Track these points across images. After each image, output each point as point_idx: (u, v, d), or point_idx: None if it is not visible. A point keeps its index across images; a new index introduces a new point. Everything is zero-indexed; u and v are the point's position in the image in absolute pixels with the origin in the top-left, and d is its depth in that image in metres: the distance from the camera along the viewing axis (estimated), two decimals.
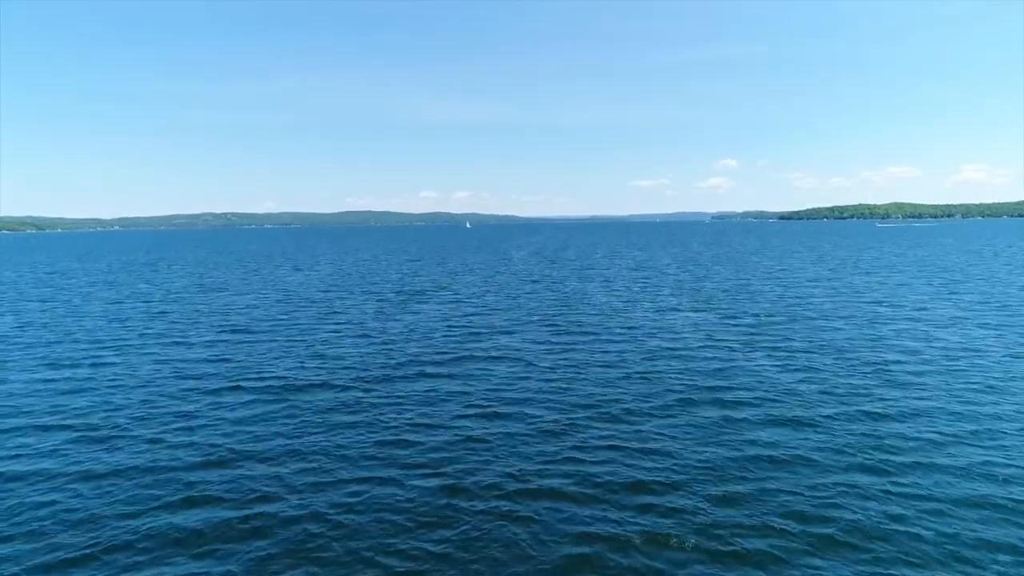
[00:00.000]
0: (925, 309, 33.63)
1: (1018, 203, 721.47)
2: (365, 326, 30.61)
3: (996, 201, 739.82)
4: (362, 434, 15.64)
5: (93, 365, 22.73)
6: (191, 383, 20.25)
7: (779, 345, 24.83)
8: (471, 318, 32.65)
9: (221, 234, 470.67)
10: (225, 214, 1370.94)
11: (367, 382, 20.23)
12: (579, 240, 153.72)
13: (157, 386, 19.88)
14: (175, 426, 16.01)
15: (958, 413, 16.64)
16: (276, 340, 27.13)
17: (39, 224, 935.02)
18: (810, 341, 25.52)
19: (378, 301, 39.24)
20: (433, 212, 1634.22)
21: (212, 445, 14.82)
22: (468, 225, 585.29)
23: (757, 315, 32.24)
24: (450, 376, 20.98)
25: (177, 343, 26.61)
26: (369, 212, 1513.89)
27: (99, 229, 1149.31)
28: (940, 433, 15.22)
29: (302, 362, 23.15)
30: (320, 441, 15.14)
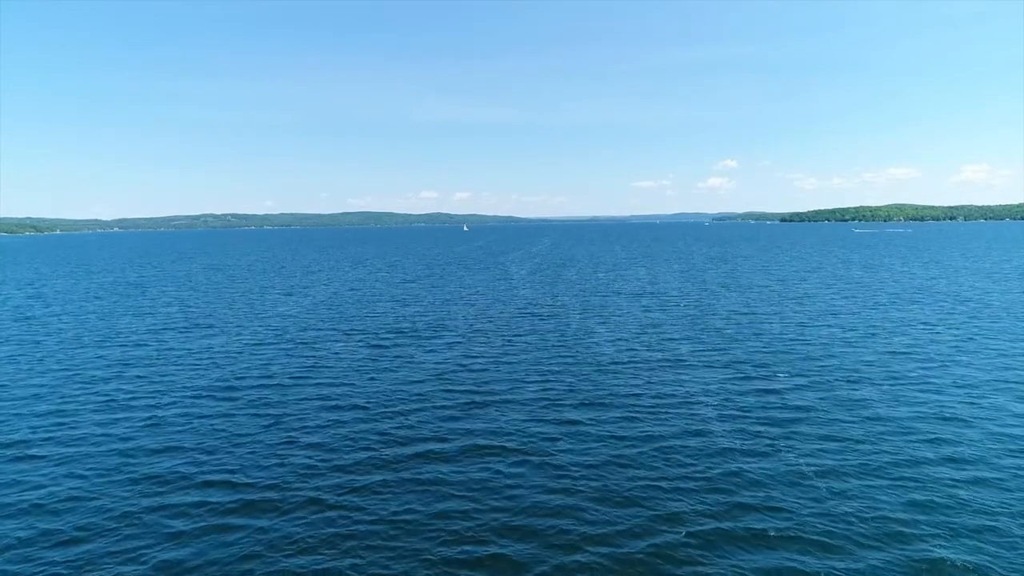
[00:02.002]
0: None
1: (1020, 205, 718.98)
2: (351, 390, 28.01)
3: (999, 203, 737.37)
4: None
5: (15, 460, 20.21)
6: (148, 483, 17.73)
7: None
8: (469, 374, 30.08)
9: (219, 237, 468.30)
10: (225, 215, 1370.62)
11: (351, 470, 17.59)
12: (580, 251, 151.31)
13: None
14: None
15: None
16: (250, 413, 24.57)
17: (38, 226, 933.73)
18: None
19: (370, 348, 36.65)
20: (433, 212, 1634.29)
21: None
22: (466, 228, 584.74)
23: (777, 371, 29.65)
24: (452, 481, 18.39)
25: (142, 414, 24.01)
26: (369, 212, 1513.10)
27: (99, 230, 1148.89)
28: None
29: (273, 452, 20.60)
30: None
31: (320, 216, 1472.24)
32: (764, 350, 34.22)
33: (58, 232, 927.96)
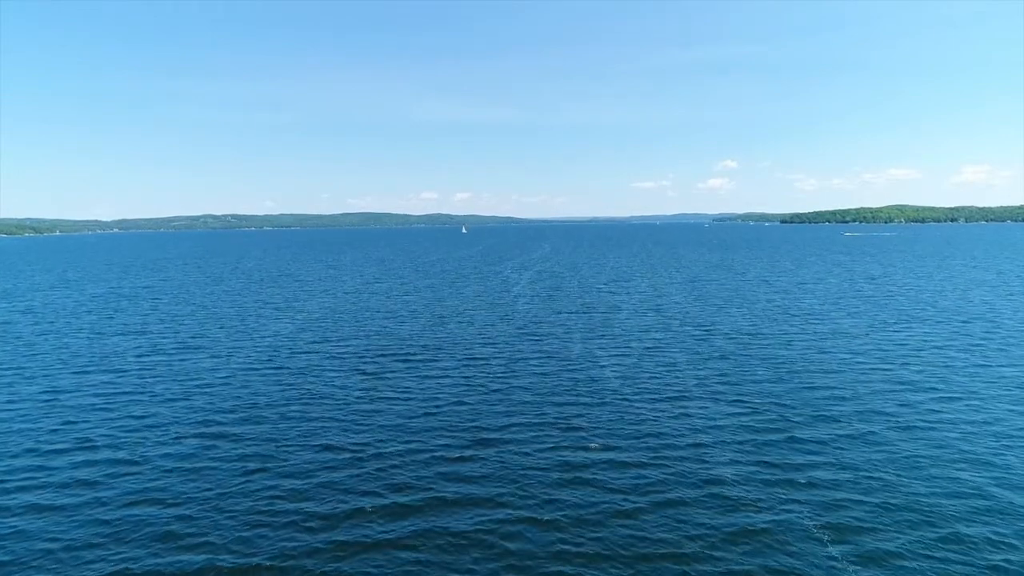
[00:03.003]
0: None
1: (1021, 207, 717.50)
2: (341, 429, 26.63)
3: (1000, 205, 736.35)
4: None
5: None
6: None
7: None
8: (466, 410, 28.70)
9: (219, 239, 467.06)
10: (225, 216, 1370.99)
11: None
12: (580, 257, 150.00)
13: None
14: None
15: None
16: (231, 456, 23.19)
17: (38, 227, 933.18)
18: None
19: (362, 377, 35.33)
20: (434, 213, 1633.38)
21: None
22: (464, 230, 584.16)
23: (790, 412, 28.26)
24: (443, 536, 17.02)
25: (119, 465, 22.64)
26: (369, 213, 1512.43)
27: (98, 231, 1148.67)
28: None
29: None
30: None
31: (320, 217, 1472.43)
32: (771, 380, 32.85)
33: (58, 233, 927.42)
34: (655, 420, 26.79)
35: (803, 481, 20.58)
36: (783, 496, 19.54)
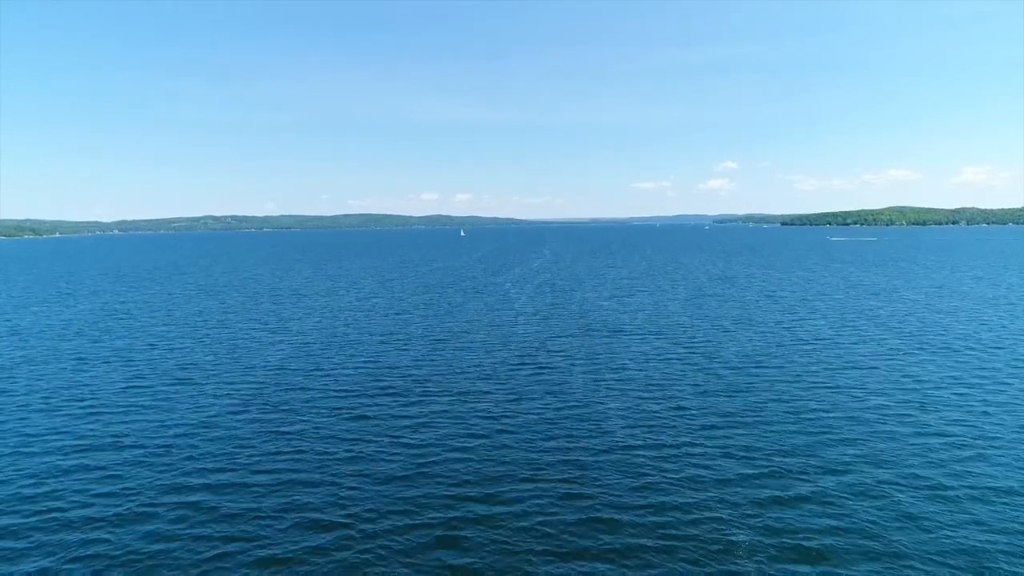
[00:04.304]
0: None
1: (1022, 209, 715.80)
2: (324, 495, 24.89)
3: (1001, 207, 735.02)
4: None
5: None
6: None
7: None
8: (461, 464, 26.97)
9: (218, 241, 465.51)
10: (225, 217, 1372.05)
11: None
12: (581, 267, 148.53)
13: None
14: None
15: None
16: (201, 526, 21.43)
17: (37, 228, 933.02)
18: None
19: (350, 422, 33.74)
20: (434, 215, 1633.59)
21: None
22: (463, 233, 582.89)
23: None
24: None
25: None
26: (370, 215, 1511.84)
27: (98, 232, 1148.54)
28: None
29: None
30: None
31: (320, 218, 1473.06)
32: (783, 425, 31.09)
33: (57, 235, 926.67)
34: (660, 477, 25.04)
35: (814, 547, 18.89)
36: (796, 572, 17.82)
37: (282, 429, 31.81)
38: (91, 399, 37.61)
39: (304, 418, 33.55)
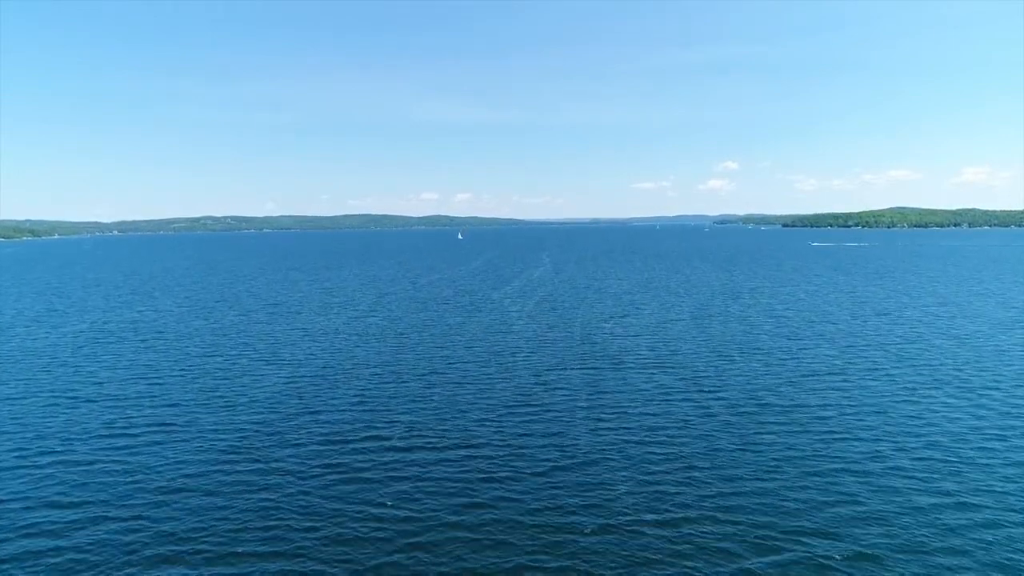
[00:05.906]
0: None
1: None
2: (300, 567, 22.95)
3: (1003, 208, 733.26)
4: None
5: None
6: None
7: None
8: (456, 537, 25.05)
9: (218, 243, 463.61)
10: (225, 218, 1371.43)
11: None
12: (581, 277, 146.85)
13: None
14: None
15: None
16: None
17: (36, 229, 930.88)
18: None
19: (335, 479, 31.78)
20: (434, 215, 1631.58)
21: None
22: (460, 236, 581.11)
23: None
24: None
25: None
26: (370, 215, 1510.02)
27: (98, 233, 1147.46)
28: None
29: None
30: None
31: (320, 219, 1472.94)
32: (796, 494, 29.15)
33: (56, 236, 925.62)
34: (664, 556, 23.11)
35: None
36: None
37: (256, 480, 29.84)
38: (76, 444, 35.75)
39: (281, 472, 31.60)
